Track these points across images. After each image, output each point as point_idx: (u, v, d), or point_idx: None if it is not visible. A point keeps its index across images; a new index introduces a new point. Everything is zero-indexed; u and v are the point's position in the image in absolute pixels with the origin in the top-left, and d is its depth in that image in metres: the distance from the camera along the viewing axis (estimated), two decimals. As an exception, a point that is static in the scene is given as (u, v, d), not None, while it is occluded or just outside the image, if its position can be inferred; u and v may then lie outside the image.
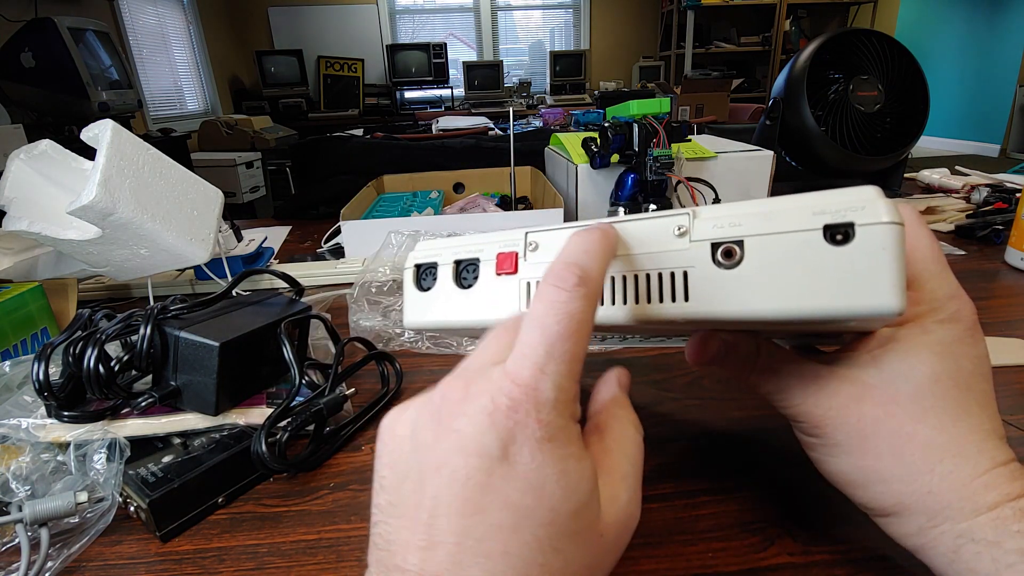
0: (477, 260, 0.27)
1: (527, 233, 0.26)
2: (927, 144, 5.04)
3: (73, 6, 2.84)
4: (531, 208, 0.92)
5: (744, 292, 0.21)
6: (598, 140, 0.72)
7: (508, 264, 0.26)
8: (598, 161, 0.73)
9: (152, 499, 0.29)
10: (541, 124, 2.62)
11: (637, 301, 0.23)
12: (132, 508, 0.30)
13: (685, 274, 0.22)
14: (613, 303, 0.24)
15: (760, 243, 0.21)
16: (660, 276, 0.23)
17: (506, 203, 0.89)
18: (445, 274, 0.28)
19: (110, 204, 0.44)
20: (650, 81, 4.83)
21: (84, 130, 0.47)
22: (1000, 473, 0.21)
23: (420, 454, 0.18)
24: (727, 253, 0.21)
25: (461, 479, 0.17)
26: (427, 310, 0.29)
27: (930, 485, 0.21)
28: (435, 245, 0.29)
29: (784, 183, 0.98)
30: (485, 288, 0.26)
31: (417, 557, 0.17)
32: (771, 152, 0.80)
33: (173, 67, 3.87)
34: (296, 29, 4.76)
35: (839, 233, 0.19)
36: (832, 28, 4.64)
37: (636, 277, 0.23)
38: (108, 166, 0.45)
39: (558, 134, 0.89)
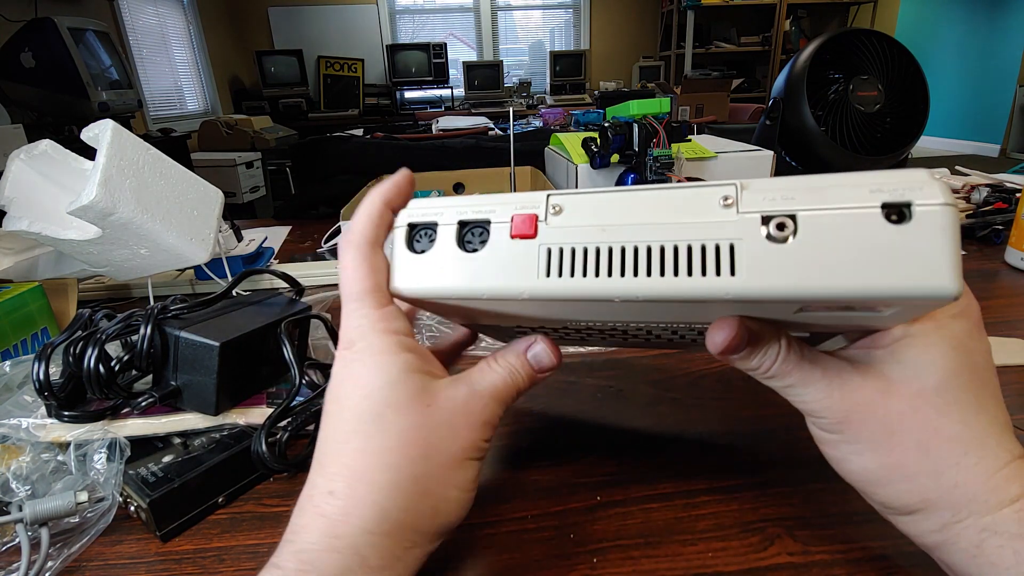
0: (487, 222, 0.24)
1: (549, 195, 0.23)
2: (927, 144, 5.04)
3: (73, 6, 2.84)
4: (531, 208, 0.92)
5: (797, 268, 0.19)
6: (598, 140, 0.72)
7: (526, 226, 0.23)
8: (598, 161, 0.73)
9: (152, 499, 0.29)
10: (541, 124, 2.62)
11: (676, 274, 0.21)
12: (132, 508, 0.30)
13: (732, 247, 0.20)
14: (636, 274, 0.21)
15: (815, 218, 0.19)
16: (703, 248, 0.21)
17: (506, 203, 0.89)
18: (447, 235, 0.25)
19: (110, 204, 0.44)
20: (650, 81, 4.83)
21: (84, 130, 0.47)
22: (1020, 465, 0.21)
23: None
24: (780, 226, 0.20)
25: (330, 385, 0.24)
26: (421, 275, 0.25)
27: (956, 479, 0.21)
28: (434, 203, 0.26)
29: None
30: (495, 253, 0.24)
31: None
32: (771, 152, 0.80)
33: (173, 67, 3.87)
34: (296, 29, 4.76)
35: (896, 212, 0.19)
36: (832, 28, 4.64)
37: (675, 249, 0.21)
38: (108, 166, 0.45)
39: (558, 134, 0.89)
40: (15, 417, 0.33)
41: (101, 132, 0.46)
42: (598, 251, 0.22)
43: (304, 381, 0.37)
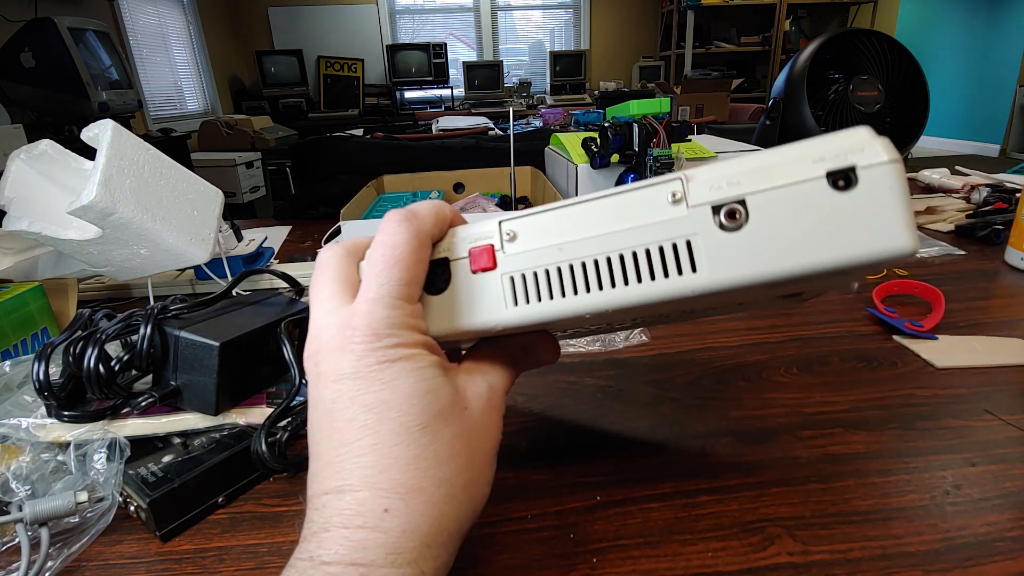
0: (445, 260, 0.24)
1: (501, 222, 0.23)
2: (927, 144, 5.04)
3: (73, 6, 2.84)
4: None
5: (756, 253, 0.19)
6: (598, 140, 0.72)
7: (485, 259, 0.23)
8: (598, 161, 0.73)
9: (152, 499, 0.29)
10: (541, 124, 2.62)
11: (640, 280, 0.21)
12: (132, 508, 0.30)
13: (688, 243, 0.20)
14: (600, 287, 0.21)
15: (763, 199, 0.19)
16: (661, 249, 0.21)
17: (506, 203, 0.89)
18: None
19: (110, 204, 0.44)
20: (650, 81, 4.83)
21: (84, 130, 0.47)
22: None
23: (309, 402, 0.23)
24: (731, 214, 0.20)
25: (327, 403, 0.21)
26: None
27: None
28: None
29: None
30: (460, 290, 0.24)
31: (317, 482, 0.21)
32: (771, 152, 0.80)
33: (173, 67, 3.87)
34: (296, 29, 4.76)
35: (842, 178, 0.19)
36: (832, 28, 4.64)
37: (634, 255, 0.21)
38: (108, 166, 0.45)
39: (558, 134, 0.89)
40: (15, 417, 0.33)
41: (101, 132, 0.46)
42: (560, 271, 0.22)
43: (304, 381, 0.37)
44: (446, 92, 4.87)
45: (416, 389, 0.21)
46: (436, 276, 0.24)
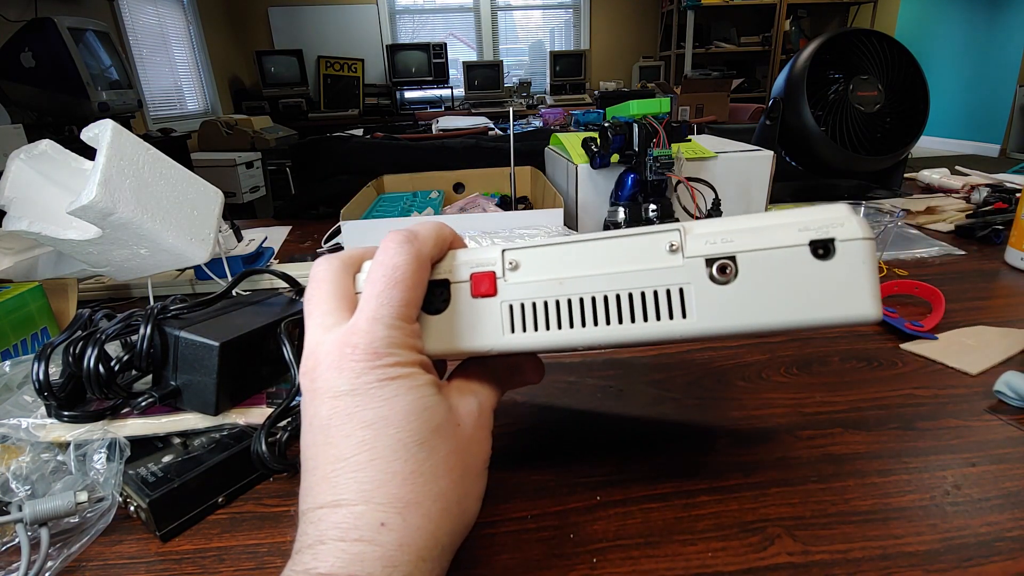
0: (446, 282, 0.25)
1: (504, 252, 0.24)
2: (927, 144, 5.04)
3: (73, 6, 2.84)
4: (531, 208, 0.92)
5: (742, 306, 0.22)
6: (598, 140, 0.72)
7: (486, 285, 0.24)
8: (598, 161, 0.73)
9: (152, 499, 0.29)
10: (541, 124, 2.62)
11: (633, 320, 0.23)
12: (132, 508, 0.30)
13: (681, 291, 0.22)
14: (596, 323, 0.23)
15: (753, 258, 0.22)
16: (656, 294, 0.22)
17: (506, 203, 0.89)
18: None
19: (110, 204, 0.44)
20: (650, 81, 4.83)
21: (84, 130, 0.47)
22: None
23: (304, 417, 0.23)
24: (722, 269, 0.22)
25: (323, 419, 0.22)
26: None
27: None
28: None
29: (784, 183, 0.98)
30: (459, 313, 0.24)
31: (310, 496, 0.21)
32: (771, 152, 0.80)
33: (173, 67, 3.87)
34: (296, 29, 4.76)
35: (822, 248, 0.21)
36: (832, 28, 4.64)
37: (630, 296, 0.23)
38: (108, 166, 0.45)
39: (558, 134, 0.89)
40: (15, 417, 0.33)
41: (101, 132, 0.46)
42: (558, 304, 0.23)
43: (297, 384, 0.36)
44: (446, 92, 4.87)
45: (414, 406, 0.22)
46: (435, 296, 0.25)
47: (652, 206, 0.70)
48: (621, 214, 0.71)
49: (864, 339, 0.48)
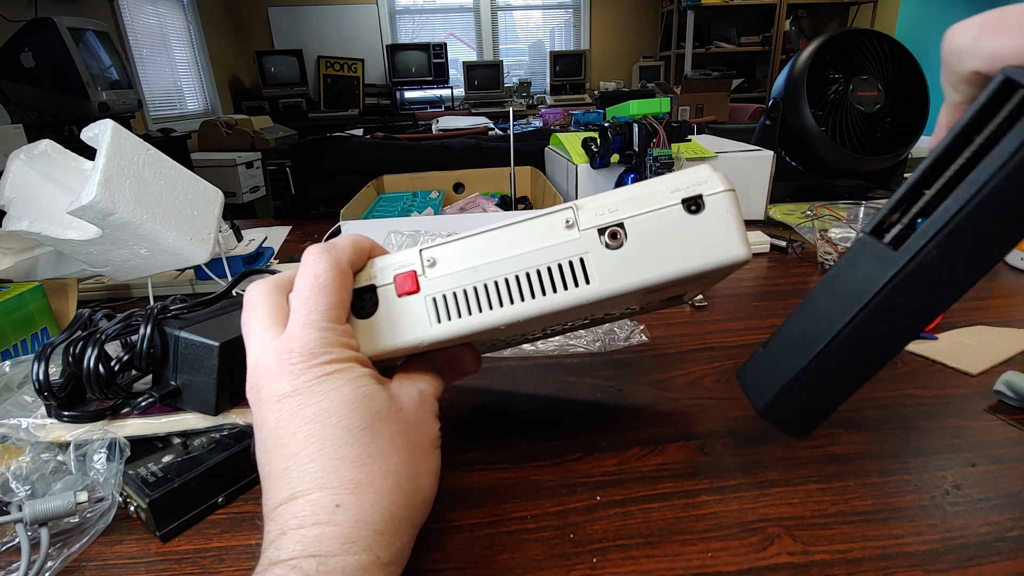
0: (372, 287, 0.27)
1: (421, 250, 0.26)
2: (927, 144, 5.03)
3: (73, 6, 2.84)
4: (531, 208, 0.92)
5: (635, 265, 0.25)
6: (598, 140, 0.72)
7: (409, 283, 0.26)
8: (598, 161, 0.73)
9: (152, 499, 0.29)
10: (541, 124, 2.61)
11: (544, 293, 0.25)
12: (132, 508, 0.30)
13: (582, 260, 0.25)
14: (512, 302, 0.25)
15: (637, 222, 0.25)
16: (560, 266, 0.25)
17: (506, 203, 0.89)
18: None
19: (110, 204, 0.44)
20: (650, 81, 4.83)
21: (84, 130, 0.47)
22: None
23: (255, 429, 0.24)
24: (613, 235, 0.25)
25: (270, 424, 0.23)
26: None
27: None
28: None
29: (784, 183, 0.98)
30: (388, 313, 0.26)
31: (269, 499, 0.22)
32: (771, 152, 0.80)
33: (173, 67, 3.86)
34: (296, 29, 4.75)
35: (693, 204, 0.25)
36: (832, 28, 4.64)
37: (538, 272, 0.25)
38: (108, 166, 0.45)
39: (558, 134, 0.89)
40: (15, 417, 0.33)
41: (101, 132, 0.46)
42: (475, 290, 0.26)
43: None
44: (446, 92, 4.87)
45: (354, 395, 0.23)
46: (364, 302, 0.27)
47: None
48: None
49: (864, 339, 0.48)
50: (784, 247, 0.71)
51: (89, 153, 0.49)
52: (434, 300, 0.26)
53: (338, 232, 0.76)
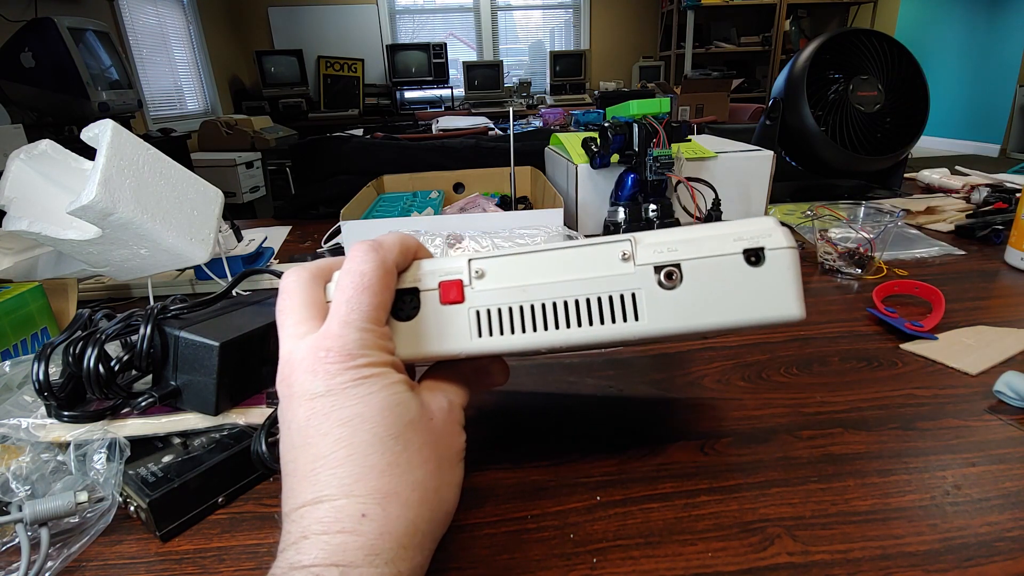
0: (415, 290, 0.26)
1: (470, 260, 0.26)
2: (927, 144, 5.03)
3: (73, 6, 2.84)
4: (531, 208, 0.92)
5: (686, 309, 0.24)
6: (598, 140, 0.72)
7: (454, 293, 0.25)
8: (598, 161, 0.73)
9: (152, 499, 0.29)
10: (541, 124, 2.61)
11: (591, 323, 0.25)
12: (132, 508, 0.30)
13: (633, 296, 0.25)
14: (557, 327, 0.25)
15: (695, 265, 0.24)
16: (611, 299, 0.25)
17: (506, 203, 0.89)
18: None
19: (110, 204, 0.44)
20: (650, 81, 4.83)
21: (84, 130, 0.47)
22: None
23: (283, 423, 0.23)
24: (669, 275, 0.24)
25: (300, 421, 0.22)
26: None
27: None
28: None
29: (784, 183, 0.98)
30: (428, 319, 0.26)
31: (292, 497, 0.22)
32: (771, 152, 0.80)
33: (173, 67, 3.87)
34: (296, 29, 4.76)
35: (754, 255, 0.24)
36: (832, 28, 4.64)
37: (587, 301, 0.25)
38: (108, 166, 0.45)
39: (558, 134, 0.89)
40: (15, 417, 0.33)
41: (101, 132, 0.46)
42: (522, 309, 0.25)
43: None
44: (446, 92, 4.87)
45: (388, 402, 0.22)
46: (405, 304, 0.26)
47: (652, 206, 0.70)
48: (621, 214, 0.71)
49: (864, 339, 0.48)
50: (784, 247, 0.71)
51: (89, 153, 0.49)
52: (477, 313, 0.25)
53: (338, 232, 0.76)
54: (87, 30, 2.40)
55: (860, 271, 0.62)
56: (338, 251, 0.77)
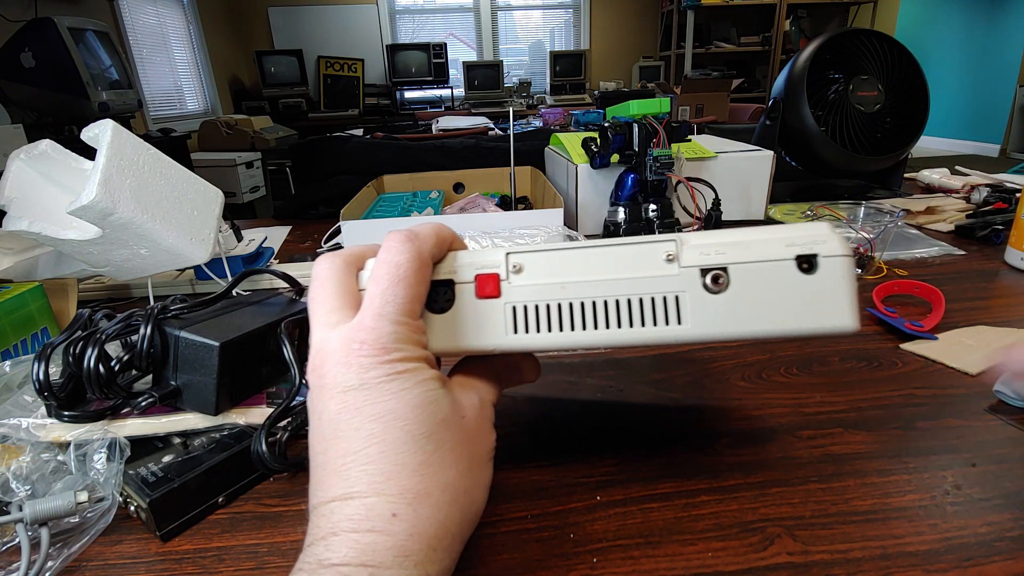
0: (451, 282, 0.25)
1: (508, 254, 0.25)
2: (927, 144, 5.03)
3: (73, 6, 2.84)
4: (531, 208, 0.92)
5: (732, 314, 0.23)
6: (598, 140, 0.72)
7: (490, 287, 0.25)
8: (598, 161, 0.73)
9: (152, 499, 0.29)
10: (541, 124, 2.61)
11: (631, 324, 0.24)
12: (132, 508, 0.30)
13: (677, 298, 0.24)
14: (596, 327, 0.24)
15: (744, 270, 0.23)
16: (653, 300, 0.24)
17: (506, 203, 0.89)
18: None
19: (110, 204, 0.44)
20: (650, 81, 4.83)
21: (84, 130, 0.47)
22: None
23: (313, 413, 0.23)
24: (715, 279, 0.23)
25: (332, 414, 0.22)
26: None
27: None
28: None
29: (784, 183, 0.98)
30: (464, 312, 0.25)
31: (321, 490, 0.22)
32: (771, 152, 0.80)
33: (173, 67, 3.87)
34: (296, 29, 4.76)
35: (806, 262, 0.23)
36: (832, 28, 4.64)
37: (628, 302, 0.24)
38: (108, 166, 0.45)
39: (558, 134, 0.89)
40: (15, 417, 0.33)
41: (101, 132, 0.46)
42: (559, 307, 0.24)
43: (304, 381, 0.36)
44: (446, 92, 4.87)
45: (421, 400, 0.22)
46: (439, 296, 0.25)
47: (652, 206, 0.70)
48: (621, 214, 0.71)
49: (864, 339, 0.48)
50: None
51: (89, 153, 0.49)
52: (514, 309, 0.25)
53: (338, 232, 0.76)
54: (87, 30, 2.40)
55: (860, 271, 0.62)
56: (338, 250, 0.77)
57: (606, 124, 0.71)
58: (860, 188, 0.98)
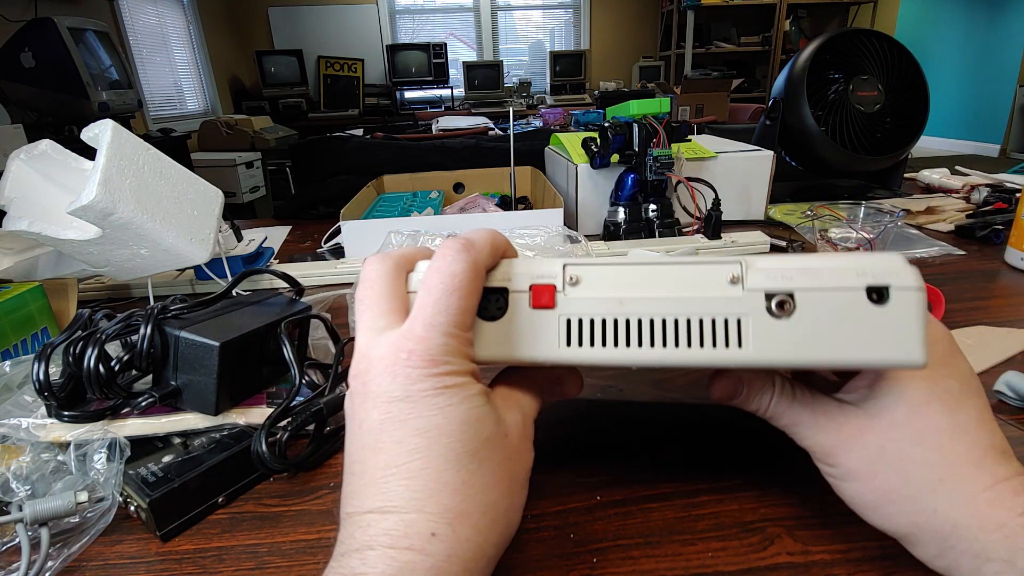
0: (504, 290, 0.25)
1: (565, 265, 0.24)
2: (927, 144, 5.03)
3: (73, 6, 2.84)
4: (531, 208, 0.92)
5: (796, 341, 0.22)
6: (598, 140, 0.72)
7: (546, 297, 0.24)
8: (598, 161, 0.73)
9: (152, 499, 0.29)
10: (541, 124, 2.61)
11: (689, 345, 0.23)
12: (132, 508, 0.30)
13: (739, 321, 0.23)
14: (652, 345, 0.23)
15: (811, 297, 0.22)
16: (714, 322, 0.23)
17: (506, 203, 0.89)
18: None
19: (110, 204, 0.44)
20: (650, 81, 4.83)
21: (84, 130, 0.47)
22: (1003, 489, 0.21)
23: (352, 420, 0.23)
24: (781, 304, 0.23)
25: (373, 423, 0.22)
26: None
27: (935, 504, 0.22)
28: None
29: (784, 183, 0.98)
30: (517, 322, 0.24)
31: (356, 500, 0.21)
32: (771, 152, 0.80)
33: (173, 67, 3.87)
34: (296, 29, 4.76)
35: (877, 293, 0.22)
36: (832, 28, 4.64)
37: (688, 322, 0.23)
38: (108, 166, 0.45)
39: (558, 134, 0.89)
40: (15, 417, 0.33)
41: (101, 132, 0.46)
42: (616, 323, 0.24)
43: (304, 381, 0.37)
44: (446, 92, 4.87)
45: (467, 417, 0.22)
46: (491, 303, 0.25)
47: (652, 206, 0.70)
48: (621, 214, 0.71)
49: (864, 339, 0.48)
50: (784, 247, 0.71)
51: (89, 153, 0.49)
52: (568, 322, 0.24)
53: (338, 232, 0.76)
54: (87, 30, 2.40)
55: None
56: (338, 251, 0.77)
57: (606, 124, 0.71)
58: (860, 188, 0.98)
